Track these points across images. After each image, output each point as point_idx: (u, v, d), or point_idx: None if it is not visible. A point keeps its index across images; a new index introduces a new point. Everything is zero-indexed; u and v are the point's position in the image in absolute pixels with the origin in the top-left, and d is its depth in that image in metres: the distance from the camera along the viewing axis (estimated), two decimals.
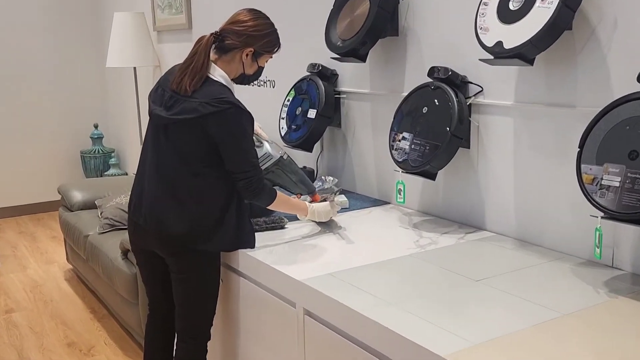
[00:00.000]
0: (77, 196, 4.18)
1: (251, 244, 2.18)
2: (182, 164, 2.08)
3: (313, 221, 2.38)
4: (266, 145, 2.32)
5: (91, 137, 5.62)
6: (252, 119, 2.10)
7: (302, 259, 2.08)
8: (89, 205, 4.09)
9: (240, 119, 2.04)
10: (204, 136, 2.04)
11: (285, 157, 2.34)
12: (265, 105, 3.52)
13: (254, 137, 2.13)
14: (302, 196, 2.43)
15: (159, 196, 2.12)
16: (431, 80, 2.34)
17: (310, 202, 2.38)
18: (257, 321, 2.19)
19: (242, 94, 3.65)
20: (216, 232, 2.11)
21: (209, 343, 2.34)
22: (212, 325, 2.25)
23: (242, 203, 2.17)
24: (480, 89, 2.27)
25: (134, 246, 2.31)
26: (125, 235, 3.15)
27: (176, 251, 2.14)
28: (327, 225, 2.39)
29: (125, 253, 3.23)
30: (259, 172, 2.10)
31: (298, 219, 2.45)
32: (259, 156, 2.23)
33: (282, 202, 2.22)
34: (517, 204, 2.22)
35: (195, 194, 2.09)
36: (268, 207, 2.19)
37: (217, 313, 2.38)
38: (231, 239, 2.14)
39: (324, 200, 2.40)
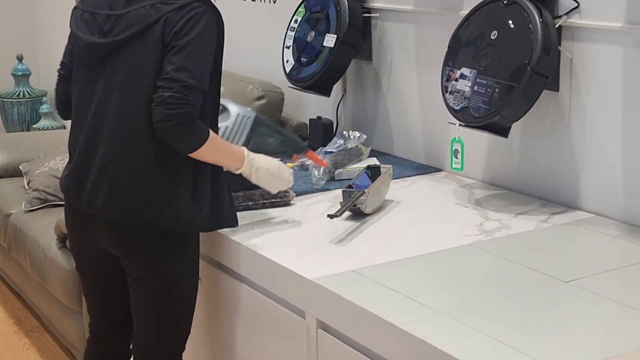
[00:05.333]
0: None
1: (233, 221, 2.21)
2: (137, 108, 2.06)
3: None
4: (230, 106, 2.32)
5: (13, 75, 5.63)
6: (223, 25, 2.12)
7: (314, 250, 2.09)
8: (11, 172, 4.10)
9: (211, 22, 2.06)
10: (163, 56, 2.04)
11: (257, 113, 2.41)
12: (262, 28, 3.50)
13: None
14: (299, 158, 2.45)
15: (109, 161, 2.11)
16: None
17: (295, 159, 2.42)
18: (248, 338, 2.21)
19: (227, 12, 3.62)
20: (191, 205, 2.11)
21: None
22: (184, 349, 2.28)
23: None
24: (576, 5, 2.24)
25: (74, 244, 2.32)
26: (63, 214, 3.17)
27: (138, 245, 2.14)
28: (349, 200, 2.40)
29: (63, 240, 3.26)
30: (197, 95, 2.02)
31: (306, 193, 2.48)
32: (229, 127, 2.28)
33: (215, 146, 2.10)
34: (628, 172, 2.21)
35: (157, 149, 2.07)
36: (193, 155, 2.06)
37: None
38: (207, 214, 2.14)
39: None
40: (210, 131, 2.08)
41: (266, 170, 2.22)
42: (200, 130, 2.04)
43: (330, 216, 2.14)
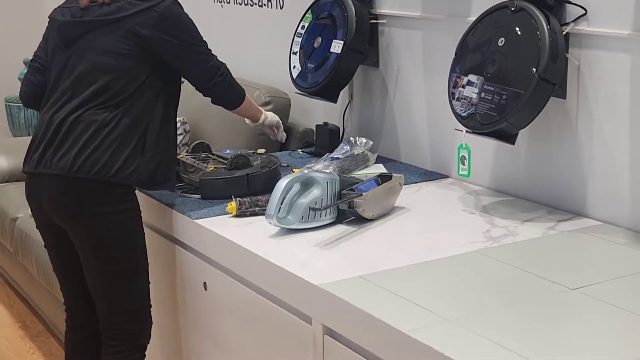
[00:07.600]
0: (1, 163, 4.20)
1: (170, 184, 2.42)
2: (95, 81, 2.35)
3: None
4: (317, 176, 2.26)
5: (20, 80, 5.64)
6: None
7: (321, 255, 2.09)
8: (18, 177, 4.12)
9: (180, 11, 2.40)
10: (130, 44, 2.33)
11: (338, 174, 2.40)
12: (270, 34, 3.51)
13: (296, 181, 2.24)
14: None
15: (60, 122, 2.37)
16: None
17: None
18: (254, 344, 2.21)
19: (233, 17, 3.63)
20: (133, 159, 2.32)
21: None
22: (150, 323, 2.42)
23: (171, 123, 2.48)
24: (584, 12, 2.25)
25: (35, 219, 2.49)
26: None
27: (71, 203, 2.31)
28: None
29: None
30: (219, 62, 2.50)
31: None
32: (323, 199, 2.24)
33: (248, 101, 2.65)
34: (635, 179, 2.21)
35: (106, 117, 2.34)
36: (233, 111, 2.62)
37: (190, 331, 2.40)
38: (148, 174, 2.35)
39: None
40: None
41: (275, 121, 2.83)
42: (241, 89, 2.58)
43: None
